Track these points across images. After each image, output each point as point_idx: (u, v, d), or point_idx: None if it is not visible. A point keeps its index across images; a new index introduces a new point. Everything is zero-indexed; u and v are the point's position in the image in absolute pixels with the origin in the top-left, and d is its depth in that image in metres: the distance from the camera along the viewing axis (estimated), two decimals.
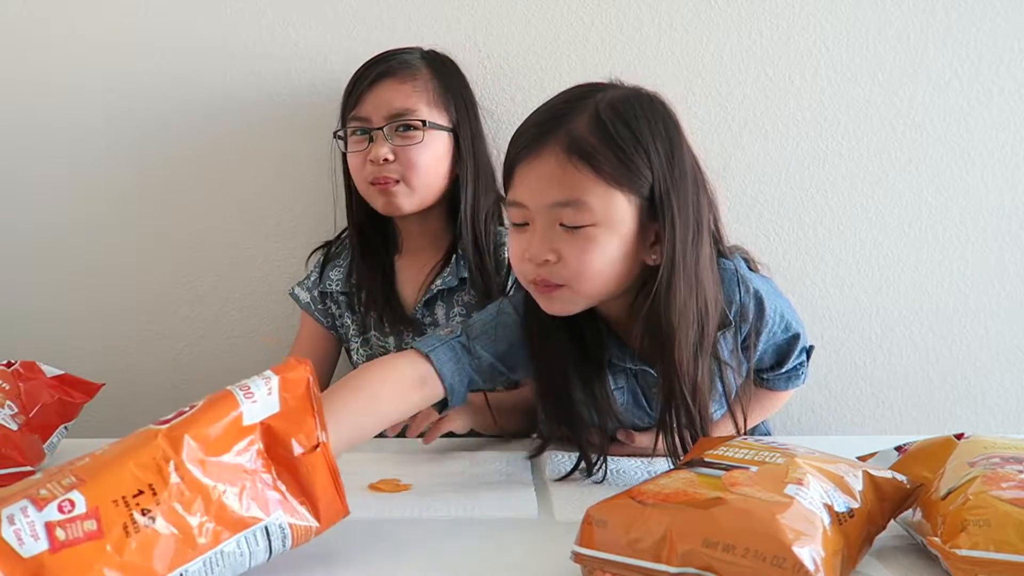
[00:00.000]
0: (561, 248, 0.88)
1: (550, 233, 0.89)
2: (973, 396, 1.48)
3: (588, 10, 1.40)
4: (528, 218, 0.90)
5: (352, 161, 1.26)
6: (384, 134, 1.22)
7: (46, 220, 1.45)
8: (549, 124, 0.89)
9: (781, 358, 1.10)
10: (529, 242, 0.90)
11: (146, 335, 1.48)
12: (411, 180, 1.23)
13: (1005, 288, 1.45)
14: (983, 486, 0.72)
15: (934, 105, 1.41)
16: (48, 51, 1.41)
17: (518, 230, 0.92)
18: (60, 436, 1.06)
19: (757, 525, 0.63)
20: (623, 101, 0.90)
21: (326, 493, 0.74)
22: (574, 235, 0.88)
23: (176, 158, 1.44)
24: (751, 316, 1.00)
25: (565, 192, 0.87)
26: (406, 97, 1.23)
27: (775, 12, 1.40)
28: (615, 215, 0.88)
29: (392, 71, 1.24)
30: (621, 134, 0.87)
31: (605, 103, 0.89)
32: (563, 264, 0.88)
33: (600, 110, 0.88)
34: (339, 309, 1.33)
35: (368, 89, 1.23)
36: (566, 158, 0.87)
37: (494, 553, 0.81)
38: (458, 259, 1.28)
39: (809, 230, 1.44)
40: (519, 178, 0.90)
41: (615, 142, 0.87)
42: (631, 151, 0.87)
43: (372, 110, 1.23)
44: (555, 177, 0.87)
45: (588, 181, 0.86)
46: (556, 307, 0.93)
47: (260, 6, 1.40)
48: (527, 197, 0.90)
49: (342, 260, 1.33)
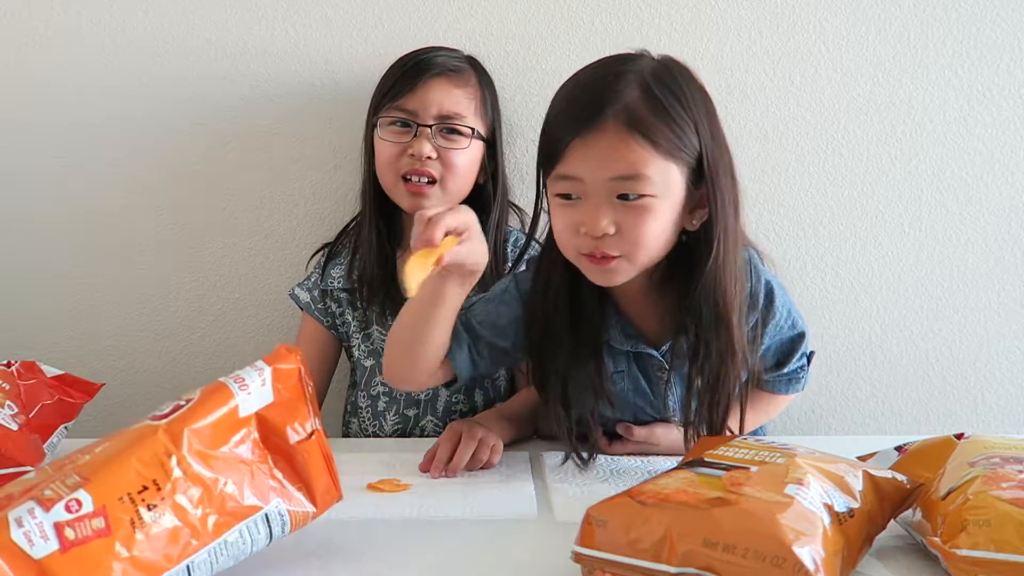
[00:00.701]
0: (620, 219, 0.90)
1: (607, 206, 0.90)
2: (973, 396, 1.48)
3: (588, 10, 1.40)
4: (581, 192, 0.91)
5: (386, 151, 1.24)
6: (430, 132, 1.22)
7: (45, 220, 1.45)
8: (603, 98, 0.90)
9: (783, 358, 1.10)
10: (585, 215, 0.91)
11: (146, 335, 1.47)
12: (448, 183, 1.23)
13: (1005, 288, 1.45)
14: (983, 486, 0.72)
15: (934, 105, 1.41)
16: (47, 51, 1.41)
17: (567, 203, 0.93)
18: (60, 436, 1.06)
19: (757, 525, 0.64)
20: (666, 71, 0.93)
21: (321, 479, 0.77)
22: (632, 207, 0.90)
23: (175, 159, 1.44)
24: (760, 304, 1.02)
25: (626, 166, 0.89)
26: (457, 101, 1.23)
27: (775, 12, 1.40)
28: (670, 185, 0.91)
29: (446, 71, 1.24)
30: (673, 107, 0.90)
31: (651, 74, 0.92)
32: (620, 235, 0.91)
33: (650, 82, 0.91)
34: (340, 307, 1.32)
35: (419, 84, 1.22)
36: (627, 133, 0.88)
37: (494, 553, 0.81)
38: None
39: (809, 230, 1.44)
40: (575, 153, 0.90)
41: (670, 116, 0.90)
42: (683, 123, 0.90)
43: (421, 106, 1.22)
44: (617, 152, 0.89)
45: (648, 155, 0.89)
46: (609, 278, 0.94)
47: (260, 6, 1.40)
48: (585, 172, 0.90)
49: (343, 258, 1.33)
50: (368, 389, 1.31)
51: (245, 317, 1.47)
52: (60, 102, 1.42)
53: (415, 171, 1.22)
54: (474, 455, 1.04)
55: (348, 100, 1.40)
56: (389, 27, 1.40)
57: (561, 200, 0.94)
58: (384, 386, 1.30)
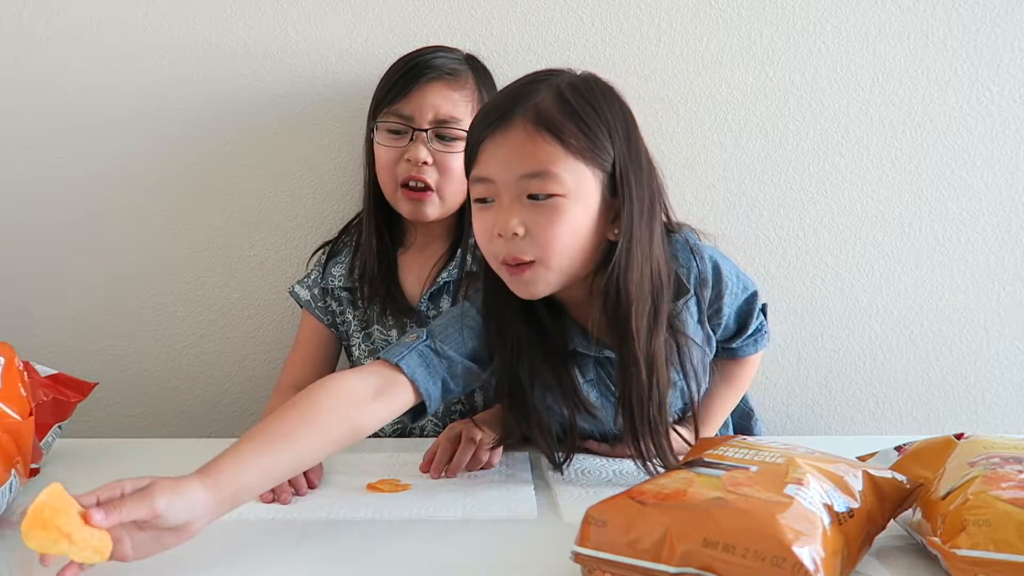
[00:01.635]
0: (529, 220, 0.89)
1: (517, 206, 0.90)
2: (973, 396, 1.48)
3: (588, 10, 1.40)
4: (494, 193, 0.91)
5: (385, 156, 1.24)
6: (426, 137, 1.21)
7: (45, 220, 1.45)
8: (514, 101, 0.91)
9: (743, 320, 1.09)
10: (496, 217, 0.91)
11: (145, 335, 1.48)
12: (444, 189, 1.23)
13: (1005, 288, 1.45)
14: (983, 486, 0.72)
15: (934, 105, 1.41)
16: (47, 51, 1.41)
17: (483, 207, 0.93)
18: (55, 435, 1.06)
19: (757, 525, 0.64)
20: (583, 82, 0.94)
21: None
22: (542, 207, 0.89)
23: (175, 159, 1.44)
24: (711, 281, 1.01)
25: (534, 163, 0.89)
26: (453, 105, 1.23)
27: (775, 12, 1.40)
28: (581, 187, 0.90)
29: (443, 75, 1.23)
30: (585, 110, 0.90)
31: (566, 83, 0.93)
32: (531, 237, 0.90)
33: (563, 88, 0.92)
34: (340, 306, 1.32)
35: (415, 88, 1.22)
36: (534, 130, 0.89)
37: (494, 553, 0.81)
38: (463, 253, 1.29)
39: (809, 230, 1.44)
40: (486, 153, 0.91)
41: (580, 117, 0.90)
42: (595, 126, 0.90)
43: (418, 110, 1.22)
44: (524, 149, 0.89)
45: (556, 153, 0.89)
46: (528, 288, 0.93)
47: (260, 6, 1.40)
48: (495, 171, 0.91)
49: (343, 256, 1.33)
50: None
51: (245, 317, 1.47)
52: (60, 102, 1.42)
53: (412, 177, 1.22)
54: (474, 456, 1.04)
55: (348, 100, 1.40)
56: (389, 27, 1.40)
57: (478, 205, 0.94)
58: None
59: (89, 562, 0.69)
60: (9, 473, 0.84)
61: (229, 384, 1.49)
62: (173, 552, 0.81)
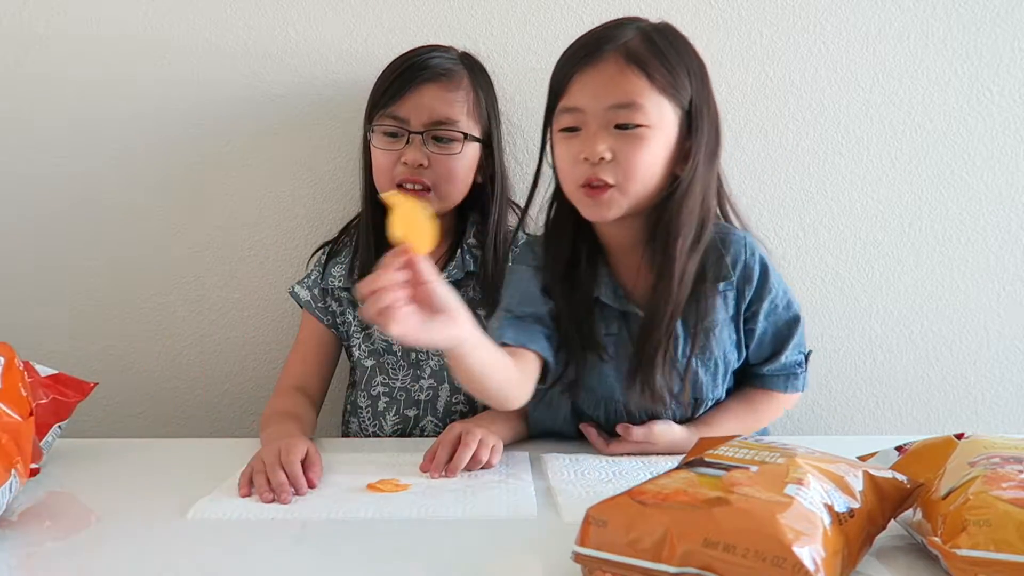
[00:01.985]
0: (616, 146, 0.99)
1: (604, 133, 0.99)
2: (973, 396, 1.48)
3: (588, 10, 1.40)
4: (582, 122, 1.00)
5: (381, 159, 1.24)
6: (422, 139, 1.21)
7: (45, 220, 1.45)
8: (603, 40, 1.00)
9: (780, 345, 1.12)
10: (584, 143, 1.00)
11: (145, 335, 1.48)
12: (441, 189, 1.23)
13: (1005, 288, 1.45)
14: (983, 486, 0.72)
15: (934, 105, 1.42)
16: (46, 51, 1.41)
17: (569, 136, 1.02)
18: (55, 435, 1.06)
19: (757, 525, 0.63)
20: (665, 27, 1.04)
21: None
22: (628, 135, 0.99)
23: (175, 159, 1.44)
24: (755, 280, 1.08)
25: (622, 95, 0.98)
26: (448, 106, 1.22)
27: (775, 12, 1.40)
28: (663, 120, 1.00)
29: (436, 76, 1.22)
30: (668, 50, 1.00)
31: (651, 26, 1.03)
32: (616, 162, 0.99)
33: (648, 30, 1.02)
34: (340, 306, 1.32)
35: (409, 90, 1.21)
36: (625, 64, 0.98)
37: (494, 553, 0.81)
38: (463, 253, 1.28)
39: (809, 230, 1.44)
40: (576, 85, 1.00)
41: (664, 55, 1.00)
42: (677, 65, 1.00)
43: (412, 112, 1.21)
44: (614, 81, 0.98)
45: (643, 86, 0.98)
46: (602, 211, 1.02)
47: (260, 6, 1.40)
48: (585, 102, 1.00)
49: (343, 257, 1.32)
50: (368, 389, 1.31)
51: (245, 317, 1.47)
52: (60, 102, 1.42)
53: (408, 179, 1.21)
54: (474, 455, 1.04)
55: (348, 100, 1.40)
56: (389, 27, 1.40)
57: (564, 134, 1.03)
58: (384, 386, 1.30)
59: (423, 249, 0.81)
60: (9, 473, 0.84)
61: (229, 384, 1.49)
62: (172, 552, 0.81)
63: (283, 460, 0.98)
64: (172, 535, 0.85)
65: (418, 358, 1.29)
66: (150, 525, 0.87)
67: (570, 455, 1.09)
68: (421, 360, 1.29)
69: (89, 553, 0.82)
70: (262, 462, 0.99)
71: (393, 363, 1.29)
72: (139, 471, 1.07)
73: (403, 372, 1.29)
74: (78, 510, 0.97)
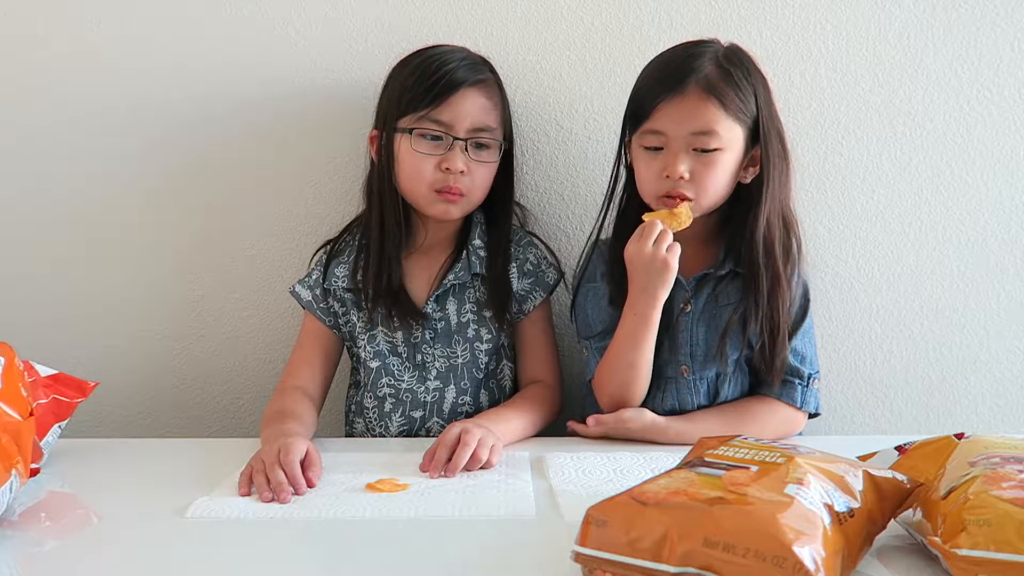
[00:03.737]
0: (694, 167, 1.13)
1: (684, 155, 1.13)
2: (973, 396, 1.48)
3: (588, 10, 1.40)
4: (663, 143, 1.14)
5: (420, 163, 1.21)
6: (464, 146, 1.21)
7: (45, 220, 1.45)
8: (685, 72, 1.13)
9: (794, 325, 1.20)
10: (666, 163, 1.14)
11: (146, 335, 1.48)
12: (474, 196, 1.24)
13: (1005, 288, 1.45)
14: (983, 486, 0.72)
15: (934, 105, 1.41)
16: (46, 52, 1.41)
17: (652, 154, 1.16)
18: (55, 435, 1.06)
19: (758, 525, 0.64)
20: (734, 54, 1.17)
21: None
22: (705, 158, 1.13)
23: (176, 158, 1.44)
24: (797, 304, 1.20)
25: (702, 124, 1.12)
26: (488, 113, 1.23)
27: (775, 12, 1.40)
28: (734, 141, 1.14)
29: (478, 82, 1.22)
30: (740, 79, 1.14)
31: (723, 55, 1.15)
32: (693, 180, 1.14)
33: (722, 60, 1.14)
34: (343, 307, 1.32)
35: (453, 94, 1.20)
36: (705, 96, 1.12)
37: (494, 553, 0.81)
38: (469, 255, 1.28)
39: (809, 230, 1.44)
40: (661, 112, 1.13)
41: (737, 85, 1.13)
42: (746, 91, 1.14)
43: (456, 118, 1.20)
44: (696, 113, 1.12)
45: (720, 115, 1.12)
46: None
47: (260, 6, 1.40)
48: (669, 127, 1.13)
49: (346, 256, 1.32)
50: (375, 390, 1.30)
51: (245, 317, 1.47)
52: (60, 103, 1.42)
53: (448, 187, 1.21)
54: (473, 455, 1.04)
55: (348, 100, 1.40)
56: (389, 27, 1.40)
57: (646, 152, 1.16)
58: (391, 388, 1.29)
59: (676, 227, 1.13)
60: (9, 473, 0.84)
61: (229, 384, 1.49)
62: (172, 552, 0.81)
63: (283, 460, 0.98)
64: (172, 535, 0.85)
65: (423, 360, 1.29)
66: (150, 525, 0.87)
67: (571, 454, 1.09)
68: (427, 362, 1.29)
69: (89, 553, 0.82)
70: (262, 462, 0.99)
71: (398, 365, 1.29)
72: (139, 471, 1.07)
73: (408, 374, 1.29)
74: (78, 510, 0.97)
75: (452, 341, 1.29)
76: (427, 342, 1.29)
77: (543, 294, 1.31)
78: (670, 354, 1.20)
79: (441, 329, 1.29)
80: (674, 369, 1.21)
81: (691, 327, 1.21)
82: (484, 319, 1.29)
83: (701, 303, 1.21)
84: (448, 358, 1.28)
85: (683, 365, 1.21)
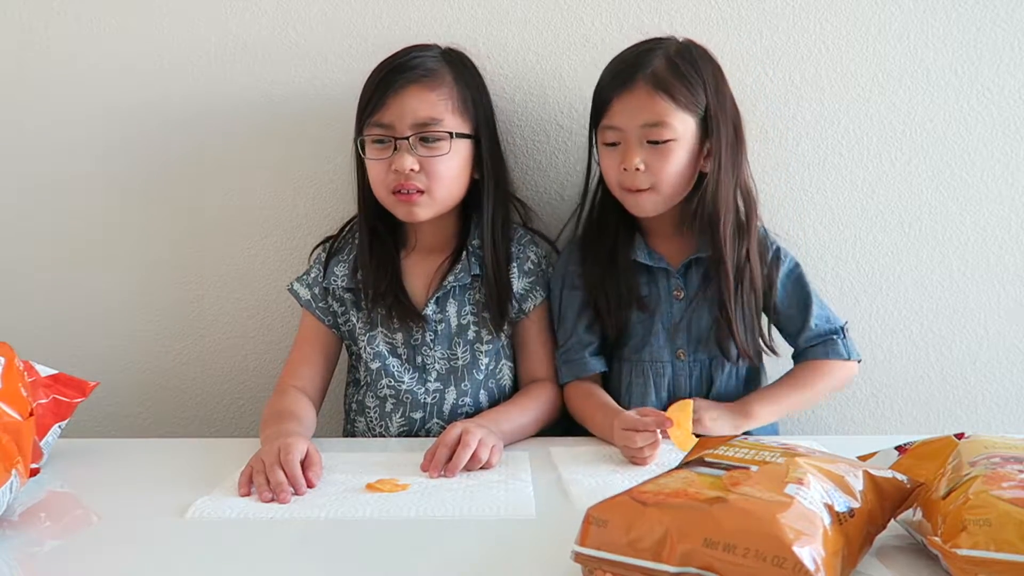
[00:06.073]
0: (648, 158, 1.18)
1: (638, 147, 1.18)
2: (973, 396, 1.48)
3: (588, 10, 1.40)
4: (620, 138, 1.19)
5: (374, 168, 1.23)
6: (409, 144, 1.20)
7: (45, 220, 1.45)
8: (635, 68, 1.18)
9: (801, 301, 1.27)
10: (623, 156, 1.19)
11: (146, 335, 1.48)
12: (435, 191, 1.22)
13: (1005, 288, 1.45)
14: (983, 486, 0.72)
15: (934, 105, 1.41)
16: (46, 52, 1.41)
17: (611, 149, 1.21)
18: (55, 435, 1.06)
19: (758, 525, 0.63)
20: (685, 49, 1.21)
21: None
22: (657, 149, 1.17)
23: (176, 158, 1.44)
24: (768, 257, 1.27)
25: (652, 116, 1.16)
26: (431, 106, 1.20)
27: (775, 12, 1.40)
28: (686, 131, 1.18)
29: (417, 78, 1.21)
30: (688, 72, 1.18)
31: (673, 50, 1.20)
32: (649, 171, 1.18)
33: (672, 55, 1.19)
34: (343, 307, 1.31)
35: (391, 95, 1.20)
36: (653, 91, 1.16)
37: (494, 553, 0.81)
38: (468, 256, 1.28)
39: (809, 230, 1.44)
40: (615, 108, 1.19)
41: (685, 77, 1.17)
42: (695, 83, 1.18)
43: (396, 118, 1.20)
44: (645, 106, 1.16)
45: (669, 108, 1.16)
46: (644, 207, 1.22)
47: (260, 6, 1.40)
48: (622, 121, 1.18)
49: (346, 255, 1.32)
50: (376, 391, 1.30)
51: (245, 317, 1.47)
52: (59, 103, 1.42)
53: (401, 186, 1.21)
54: (473, 455, 1.04)
55: (347, 99, 1.39)
56: (388, 27, 1.40)
57: (606, 147, 1.21)
58: (391, 388, 1.29)
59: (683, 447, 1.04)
60: (9, 473, 0.84)
61: (229, 384, 1.49)
62: (172, 552, 0.81)
63: (282, 460, 0.98)
64: (172, 535, 0.85)
65: (424, 362, 1.29)
66: (150, 525, 0.87)
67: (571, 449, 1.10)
68: (427, 364, 1.29)
69: (89, 553, 0.82)
70: (261, 462, 0.99)
71: (398, 366, 1.29)
72: (139, 471, 1.07)
73: (409, 375, 1.29)
74: (78, 510, 0.97)
75: (452, 343, 1.29)
76: (427, 344, 1.28)
77: (543, 293, 1.31)
78: (666, 339, 1.25)
79: (441, 331, 1.29)
80: (670, 353, 1.26)
81: (685, 312, 1.25)
82: (484, 320, 1.29)
83: (693, 288, 1.26)
84: (449, 360, 1.28)
85: (679, 349, 1.25)
